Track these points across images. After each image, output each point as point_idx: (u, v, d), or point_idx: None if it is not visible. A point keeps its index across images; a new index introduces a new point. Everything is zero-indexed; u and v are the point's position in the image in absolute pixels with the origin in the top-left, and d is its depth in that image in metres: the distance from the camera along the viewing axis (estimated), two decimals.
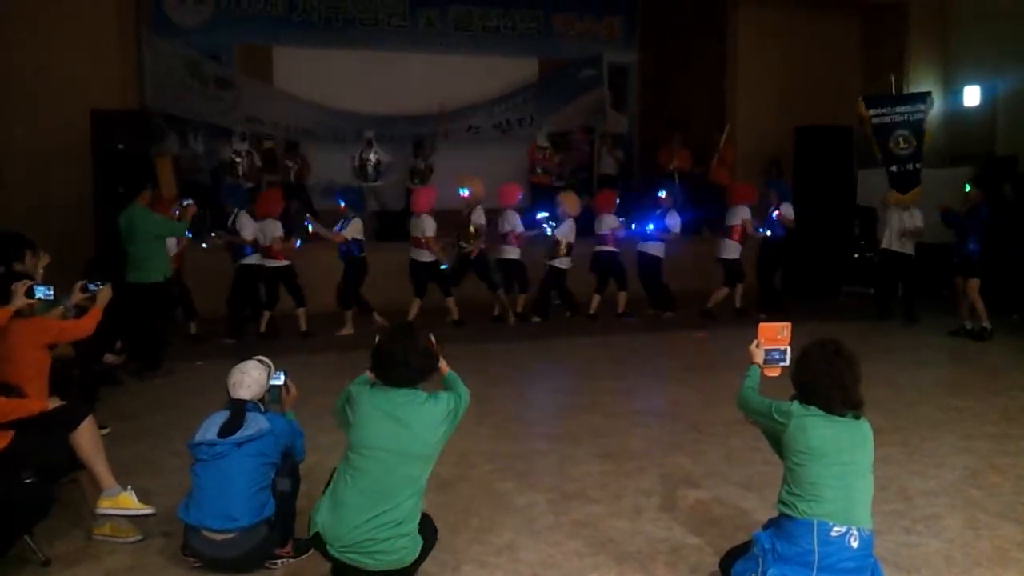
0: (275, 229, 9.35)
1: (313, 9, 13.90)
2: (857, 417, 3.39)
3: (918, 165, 10.55)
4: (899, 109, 10.75)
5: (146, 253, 7.81)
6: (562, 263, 10.45)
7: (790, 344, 3.84)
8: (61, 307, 5.45)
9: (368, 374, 3.64)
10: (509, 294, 10.45)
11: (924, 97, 10.90)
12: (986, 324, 9.25)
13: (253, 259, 9.33)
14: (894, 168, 10.61)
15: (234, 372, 3.95)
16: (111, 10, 11.01)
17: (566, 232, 10.40)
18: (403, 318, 9.03)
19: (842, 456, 3.31)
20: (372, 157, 12.76)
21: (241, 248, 9.30)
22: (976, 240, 9.34)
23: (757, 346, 3.88)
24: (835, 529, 3.24)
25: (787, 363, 3.79)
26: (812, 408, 3.39)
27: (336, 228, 9.58)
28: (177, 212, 8.61)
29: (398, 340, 3.54)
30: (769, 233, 10.58)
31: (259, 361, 4.07)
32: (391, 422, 3.45)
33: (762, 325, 3.95)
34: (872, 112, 10.76)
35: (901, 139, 10.56)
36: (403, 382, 3.52)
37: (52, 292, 4.69)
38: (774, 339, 3.88)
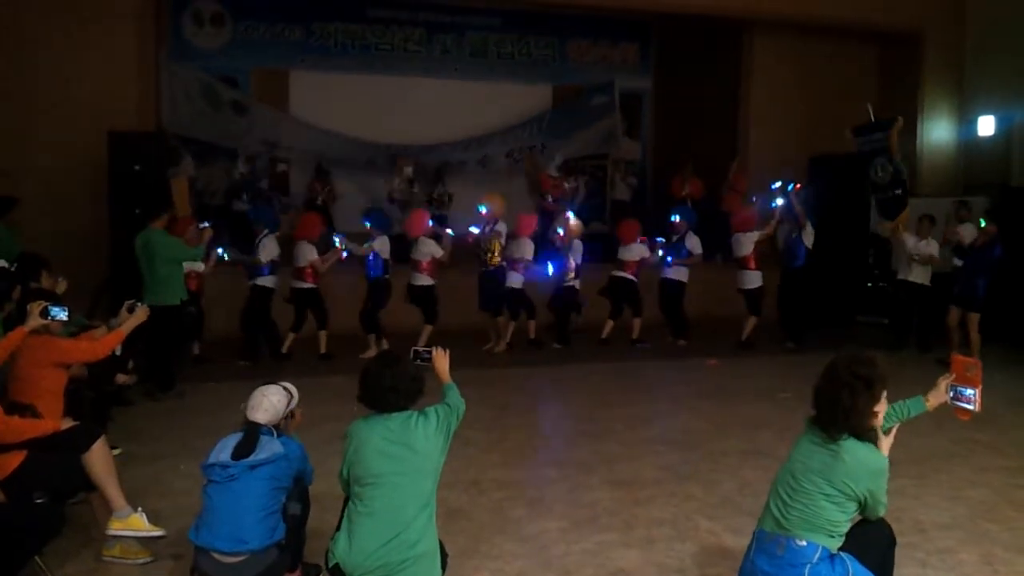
0: (310, 252, 9.41)
1: (330, 35, 14.07)
2: (834, 439, 3.22)
3: (899, 191, 10.44)
4: (875, 136, 10.71)
5: (162, 276, 7.82)
6: (575, 283, 10.46)
7: (980, 386, 3.52)
8: (104, 327, 5.50)
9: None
10: (515, 320, 10.43)
11: (891, 122, 10.81)
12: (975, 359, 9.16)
13: (268, 280, 9.36)
14: (876, 196, 10.59)
15: (255, 394, 3.95)
16: (131, 33, 11.15)
17: (572, 253, 10.39)
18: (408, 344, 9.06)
19: (795, 470, 3.29)
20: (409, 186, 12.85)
21: (258, 268, 9.31)
22: (985, 275, 9.30)
23: (947, 378, 3.62)
24: (768, 538, 3.29)
25: (975, 407, 3.50)
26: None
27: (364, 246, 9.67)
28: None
29: (385, 368, 3.60)
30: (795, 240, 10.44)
31: (283, 387, 4.03)
32: (393, 447, 3.50)
33: (956, 357, 3.62)
34: (860, 141, 10.75)
35: (879, 167, 10.51)
36: (392, 408, 3.57)
37: (67, 313, 4.71)
38: (963, 376, 3.53)
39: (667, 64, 15.65)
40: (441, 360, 3.96)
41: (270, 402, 3.91)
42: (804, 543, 3.19)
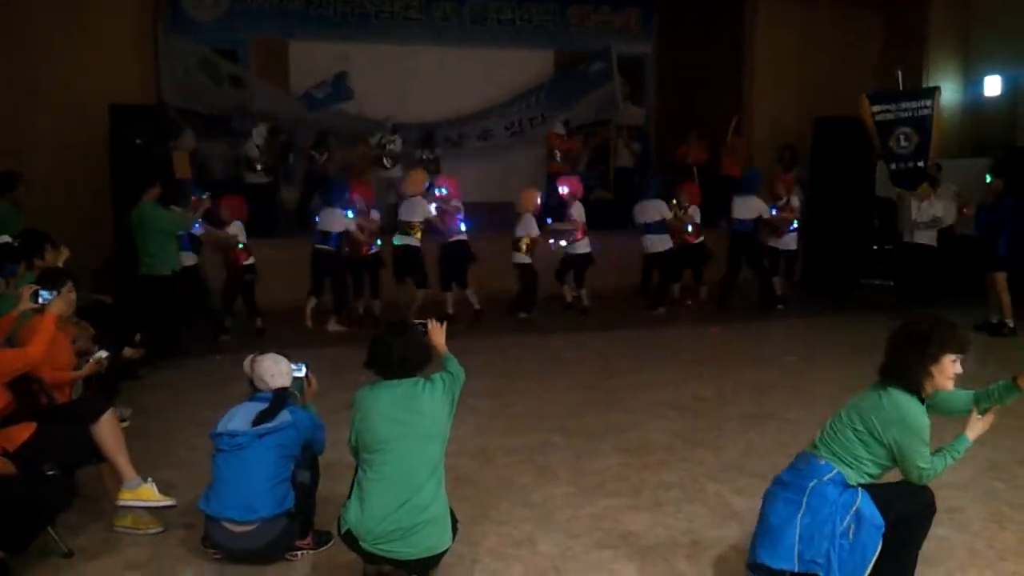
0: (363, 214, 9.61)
1: (329, 3, 13.94)
2: (884, 387, 3.39)
3: (921, 163, 10.38)
4: (904, 105, 10.59)
5: (155, 248, 8.07)
6: (523, 259, 10.23)
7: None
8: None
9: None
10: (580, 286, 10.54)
11: (931, 93, 10.65)
12: (1008, 321, 9.11)
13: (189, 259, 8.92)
14: (893, 166, 10.52)
15: (267, 364, 3.99)
16: (130, 5, 11.06)
17: (527, 229, 10.16)
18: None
19: (848, 406, 3.47)
20: (393, 146, 12.71)
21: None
22: (1006, 231, 9.17)
23: None
24: (802, 456, 3.50)
25: None
26: None
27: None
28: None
29: (394, 336, 3.64)
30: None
31: (276, 354, 4.11)
32: (400, 413, 3.53)
33: None
34: (876, 109, 10.65)
35: (902, 136, 10.43)
36: (400, 375, 3.61)
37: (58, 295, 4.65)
38: None
39: (669, 29, 15.49)
40: (437, 333, 3.98)
41: (284, 367, 4.03)
42: (823, 462, 3.38)
